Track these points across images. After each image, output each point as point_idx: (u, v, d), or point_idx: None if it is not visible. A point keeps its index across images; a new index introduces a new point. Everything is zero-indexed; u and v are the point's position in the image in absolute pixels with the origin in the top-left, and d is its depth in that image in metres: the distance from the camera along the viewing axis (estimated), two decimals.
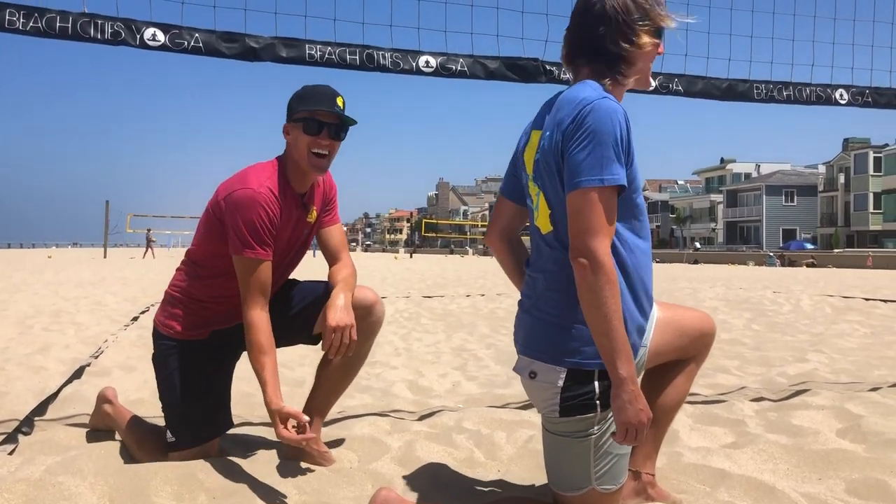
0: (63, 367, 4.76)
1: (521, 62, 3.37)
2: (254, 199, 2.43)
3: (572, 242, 1.82)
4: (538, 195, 2.01)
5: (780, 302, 11.02)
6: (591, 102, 1.85)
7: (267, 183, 2.48)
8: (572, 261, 1.82)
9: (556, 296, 1.96)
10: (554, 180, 1.92)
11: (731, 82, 3.71)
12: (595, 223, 1.80)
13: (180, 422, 2.57)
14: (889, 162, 59.19)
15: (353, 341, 2.44)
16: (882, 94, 3.92)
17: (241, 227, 2.42)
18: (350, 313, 2.45)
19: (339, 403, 3.67)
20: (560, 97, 2.00)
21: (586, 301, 1.80)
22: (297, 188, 2.58)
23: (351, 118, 2.53)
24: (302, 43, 3.03)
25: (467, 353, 5.68)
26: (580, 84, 1.98)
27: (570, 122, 1.86)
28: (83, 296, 11.06)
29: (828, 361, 5.28)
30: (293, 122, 2.51)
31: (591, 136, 1.82)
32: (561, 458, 2.01)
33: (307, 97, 2.51)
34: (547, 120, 1.99)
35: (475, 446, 2.87)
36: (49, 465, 2.45)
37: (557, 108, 1.95)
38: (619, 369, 1.79)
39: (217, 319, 2.64)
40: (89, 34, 2.75)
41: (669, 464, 2.64)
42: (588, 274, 1.78)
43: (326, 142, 2.50)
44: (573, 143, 1.84)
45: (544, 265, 2.00)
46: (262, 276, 2.46)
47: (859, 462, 2.64)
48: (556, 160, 1.90)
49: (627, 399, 1.79)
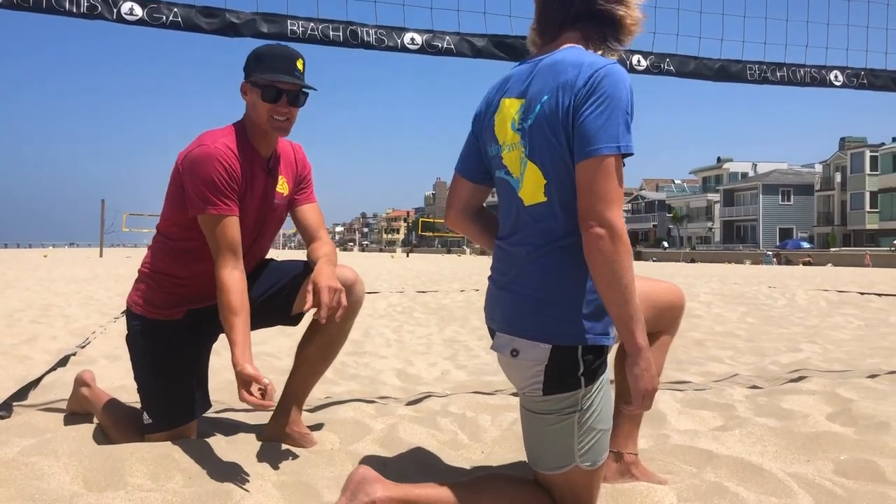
0: (48, 357, 4.71)
1: (509, 40, 3.31)
2: (209, 155, 2.37)
3: (586, 212, 1.75)
4: (523, 164, 1.90)
5: (776, 297, 10.99)
6: (604, 66, 1.79)
7: (223, 140, 2.43)
8: (586, 231, 1.74)
9: (541, 270, 1.88)
10: (553, 147, 1.83)
11: (724, 63, 3.66)
12: (612, 192, 1.74)
13: (155, 404, 2.52)
14: (885, 161, 59.24)
15: (343, 305, 2.35)
16: (878, 76, 3.87)
17: (200, 185, 2.37)
18: (337, 281, 2.38)
19: (325, 390, 3.64)
20: (549, 61, 1.91)
21: (603, 272, 1.74)
22: (261, 150, 2.53)
23: (310, 85, 2.49)
24: (284, 18, 2.98)
25: (458, 344, 5.64)
26: (571, 48, 1.91)
27: (583, 85, 1.78)
28: (75, 291, 11.00)
29: (821, 351, 5.25)
30: (251, 84, 2.46)
31: (607, 101, 1.75)
32: (543, 437, 1.95)
33: (266, 60, 2.46)
34: (536, 86, 1.89)
35: (459, 429, 2.83)
36: (23, 447, 2.41)
37: (554, 72, 1.86)
38: (637, 339, 1.76)
39: (190, 298, 2.57)
40: (64, 7, 2.69)
41: (656, 445, 2.61)
42: (606, 244, 1.72)
43: (285, 109, 2.45)
44: (587, 108, 1.76)
45: (526, 239, 1.91)
46: (230, 233, 2.39)
47: (849, 444, 2.61)
48: (563, 124, 1.81)
49: (645, 367, 1.77)
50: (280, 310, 2.65)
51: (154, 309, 2.56)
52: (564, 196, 1.84)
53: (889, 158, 58.89)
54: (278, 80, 2.42)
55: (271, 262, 2.77)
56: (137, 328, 2.59)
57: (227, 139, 2.44)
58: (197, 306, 2.59)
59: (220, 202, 2.38)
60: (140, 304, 2.59)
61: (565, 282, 1.85)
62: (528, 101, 1.89)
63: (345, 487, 1.87)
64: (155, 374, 2.53)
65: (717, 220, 76.84)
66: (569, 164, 1.82)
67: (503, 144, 1.96)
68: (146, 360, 2.56)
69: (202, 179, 2.37)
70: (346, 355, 4.96)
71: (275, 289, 2.66)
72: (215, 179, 2.36)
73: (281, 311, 2.65)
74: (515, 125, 1.92)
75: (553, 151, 1.84)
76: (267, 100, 2.43)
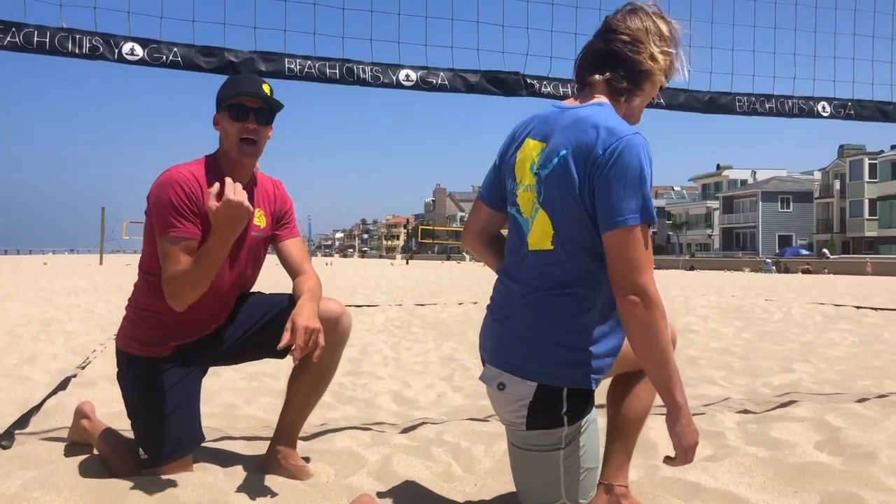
0: (49, 378, 4.76)
1: (502, 76, 3.38)
2: (169, 178, 2.42)
3: (619, 281, 1.82)
4: (535, 209, 1.96)
5: (772, 310, 11.04)
6: (623, 137, 1.84)
7: (187, 167, 2.47)
8: (620, 298, 1.82)
9: (534, 312, 1.94)
10: (567, 203, 1.89)
11: (713, 95, 3.73)
12: (642, 259, 1.81)
13: (149, 440, 2.54)
14: (884, 168, 59.35)
15: (320, 346, 2.36)
16: (864, 106, 3.95)
17: (161, 209, 2.40)
18: (317, 320, 2.39)
19: (321, 415, 3.69)
20: (574, 115, 1.96)
21: (640, 336, 1.82)
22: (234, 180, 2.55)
23: (278, 102, 2.52)
24: (281, 57, 3.04)
25: (455, 363, 5.69)
26: (597, 106, 1.97)
27: (602, 153, 1.83)
28: (75, 304, 11.05)
29: (814, 371, 5.30)
30: (220, 110, 2.51)
31: (626, 173, 1.81)
32: (529, 473, 2.01)
33: (232, 83, 2.52)
34: (557, 137, 1.94)
35: (453, 459, 2.87)
36: (25, 480, 2.45)
37: (576, 129, 1.91)
38: (677, 398, 1.84)
39: (176, 334, 2.58)
40: (67, 49, 2.76)
41: (646, 477, 2.66)
42: (641, 311, 1.80)
43: (253, 126, 2.49)
44: (609, 180, 1.82)
45: (527, 279, 1.98)
46: (190, 254, 2.39)
47: (835, 475, 2.66)
48: (579, 187, 1.86)
49: (686, 423, 1.85)
50: (267, 344, 2.65)
51: (141, 346, 2.59)
52: (571, 249, 1.91)
53: (888, 166, 59.00)
54: (244, 95, 2.47)
55: (258, 295, 2.80)
56: (127, 366, 2.62)
57: (192, 166, 2.49)
58: (184, 342, 2.61)
59: (178, 224, 2.40)
60: (127, 341, 2.61)
61: (556, 325, 1.91)
62: (548, 150, 1.95)
63: None
64: (147, 411, 2.56)
65: (716, 227, 76.92)
66: (580, 223, 1.89)
67: (520, 183, 2.02)
68: (138, 398, 2.59)
69: (162, 203, 2.40)
70: (344, 375, 5.01)
71: (262, 322, 2.68)
72: (173, 201, 2.39)
73: (268, 345, 2.65)
74: (534, 168, 1.98)
75: (566, 207, 1.90)
76: (235, 118, 2.47)
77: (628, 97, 2.03)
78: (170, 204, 2.39)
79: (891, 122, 3.95)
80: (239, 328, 2.66)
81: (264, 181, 2.71)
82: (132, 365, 2.61)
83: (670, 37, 2.04)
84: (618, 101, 2.02)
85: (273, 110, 2.54)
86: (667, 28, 2.03)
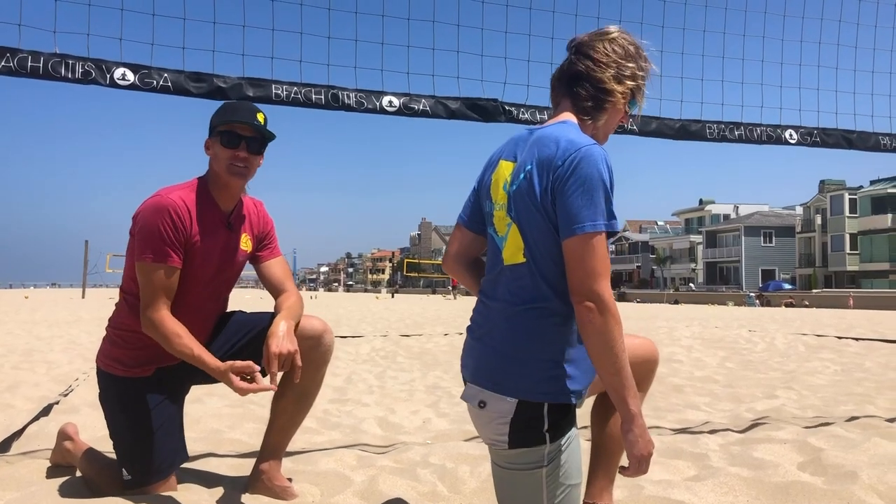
0: (31, 405, 4.71)
1: (482, 102, 3.48)
2: (160, 204, 2.44)
3: (576, 287, 1.85)
4: (508, 226, 2.01)
5: (755, 340, 11.10)
6: (581, 148, 1.89)
7: (179, 193, 2.49)
8: (577, 305, 1.85)
9: (510, 328, 1.96)
10: (532, 215, 1.93)
11: (684, 122, 3.84)
12: (598, 267, 1.83)
13: (132, 460, 2.53)
14: (864, 203, 60.20)
15: (297, 366, 2.41)
16: (829, 134, 4.07)
17: (145, 233, 2.42)
18: (292, 340, 2.42)
19: (306, 440, 3.68)
20: (540, 133, 2.03)
21: (594, 343, 1.83)
22: (221, 204, 2.59)
23: (270, 132, 2.56)
24: (268, 83, 3.11)
25: (441, 391, 5.69)
26: (561, 124, 2.03)
27: (561, 164, 1.88)
28: (58, 335, 10.94)
29: (797, 398, 5.34)
30: (214, 136, 2.54)
31: (585, 182, 1.85)
32: (513, 492, 2.01)
33: (227, 111, 2.55)
34: (524, 154, 2.00)
35: (439, 480, 2.88)
36: (7, 501, 2.44)
37: (539, 144, 1.97)
38: (629, 405, 1.84)
39: (158, 356, 2.58)
40: (60, 73, 2.80)
41: (631, 496, 2.67)
42: (596, 317, 1.82)
43: (244, 154, 2.53)
44: (568, 189, 1.86)
45: (504, 295, 2.01)
46: (169, 281, 2.44)
47: (817, 494, 2.68)
48: (541, 197, 1.91)
49: (639, 433, 1.85)
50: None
51: (122, 367, 2.59)
52: (540, 261, 1.94)
53: (867, 201, 59.86)
54: (237, 124, 2.51)
55: (239, 314, 2.82)
56: (108, 387, 2.62)
57: (184, 192, 2.51)
58: (164, 364, 2.61)
59: (161, 252, 2.42)
60: (108, 362, 2.62)
61: (534, 341, 1.93)
62: (517, 168, 2.01)
63: None
64: (130, 431, 2.55)
65: (699, 262, 77.40)
66: (545, 234, 1.93)
67: (495, 203, 2.08)
68: (120, 418, 2.58)
69: (148, 228, 2.42)
70: (329, 403, 5.00)
71: (244, 341, 2.69)
72: (160, 229, 2.42)
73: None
74: (506, 187, 2.03)
75: (531, 219, 1.94)
76: (226, 145, 2.50)
77: (594, 117, 2.08)
78: (157, 231, 2.41)
79: (854, 150, 4.08)
80: (221, 348, 2.67)
81: (248, 203, 2.74)
82: (114, 385, 2.60)
83: (637, 61, 2.10)
84: (584, 121, 2.07)
85: (265, 140, 2.58)
86: (634, 51, 2.10)
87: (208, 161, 2.59)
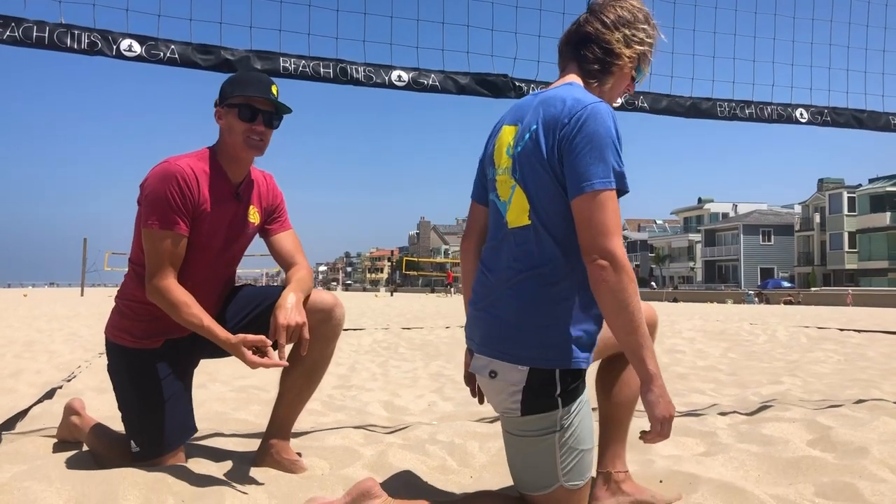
0: (34, 390, 4.70)
1: (491, 78, 3.45)
2: (167, 171, 2.41)
3: (587, 246, 1.81)
4: (513, 188, 1.98)
5: (757, 333, 11.10)
6: (587, 105, 1.87)
7: (187, 160, 2.47)
8: (589, 264, 1.81)
9: (517, 295, 1.94)
10: (539, 175, 1.91)
11: (695, 100, 3.82)
12: (610, 224, 1.80)
13: (140, 432, 2.52)
14: (862, 202, 60.27)
15: (305, 339, 2.38)
16: (840, 113, 4.06)
17: (153, 199, 2.40)
18: (301, 312, 2.39)
19: (312, 421, 3.67)
20: (544, 95, 2.01)
21: (609, 302, 1.80)
22: (231, 175, 2.57)
23: (286, 106, 2.55)
24: (276, 56, 3.09)
25: (444, 378, 5.67)
26: (566, 85, 2.02)
27: (567, 122, 1.86)
28: (58, 328, 10.92)
29: (802, 384, 5.33)
30: (227, 106, 2.51)
31: (593, 139, 1.83)
32: (526, 459, 1.99)
33: (242, 82, 2.53)
34: (529, 116, 1.99)
35: (448, 455, 2.86)
36: (15, 473, 2.42)
37: (545, 105, 1.95)
38: (648, 365, 1.81)
39: (167, 329, 2.55)
40: (66, 44, 2.78)
41: (641, 470, 2.65)
42: (610, 274, 1.78)
43: (261, 128, 2.51)
44: (575, 147, 1.84)
45: (507, 261, 1.98)
46: (175, 249, 2.42)
47: (829, 468, 2.67)
48: (548, 156, 1.89)
49: (659, 393, 1.81)
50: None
51: (132, 338, 2.57)
52: (546, 222, 1.92)
53: (866, 199, 59.92)
54: (255, 98, 2.49)
55: (248, 287, 2.80)
56: (117, 357, 2.60)
57: (192, 160, 2.49)
58: (174, 336, 2.59)
59: (167, 218, 2.40)
60: (118, 333, 2.60)
61: (541, 307, 1.91)
62: (520, 130, 1.99)
63: (348, 492, 1.92)
64: (138, 402, 2.53)
65: (698, 260, 77.46)
66: (552, 194, 1.90)
67: (498, 168, 2.05)
68: (129, 390, 2.56)
69: (156, 194, 2.40)
70: (333, 388, 4.98)
71: (252, 315, 2.66)
72: (168, 195, 2.39)
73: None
74: (509, 151, 2.01)
75: (538, 179, 1.92)
76: (244, 118, 2.48)
77: (601, 80, 2.07)
78: (164, 197, 2.39)
79: (865, 129, 4.06)
80: (230, 321, 2.64)
81: (256, 176, 2.72)
82: (123, 356, 2.58)
83: (646, 27, 2.09)
84: (590, 85, 2.07)
85: (280, 113, 2.57)
86: (643, 17, 2.09)
87: (219, 130, 2.56)
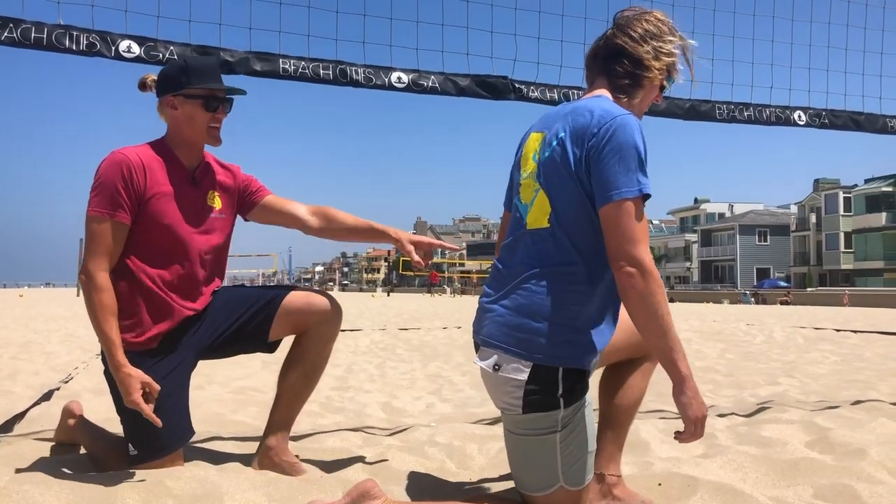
0: (31, 392, 4.68)
1: (491, 80, 3.45)
2: (113, 159, 2.44)
3: (615, 253, 1.86)
4: (536, 192, 2.03)
5: (754, 333, 11.12)
6: (616, 117, 1.91)
7: (136, 150, 2.49)
8: (617, 271, 1.85)
9: (528, 292, 1.96)
10: (564, 182, 1.95)
11: (694, 102, 3.84)
12: (637, 232, 1.85)
13: (138, 435, 2.49)
14: (858, 202, 60.33)
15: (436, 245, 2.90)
16: (838, 115, 4.08)
17: (95, 185, 2.42)
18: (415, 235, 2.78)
19: (310, 423, 3.66)
20: (573, 105, 2.06)
21: (638, 307, 1.84)
22: (185, 161, 2.59)
23: (241, 89, 2.60)
24: (276, 57, 3.09)
25: (442, 379, 5.67)
26: (596, 97, 2.06)
27: (596, 132, 1.90)
28: (55, 329, 10.90)
29: (799, 385, 5.34)
30: (185, 97, 2.53)
31: (621, 149, 1.87)
32: (527, 458, 2.00)
33: (198, 71, 2.54)
34: (557, 125, 2.03)
35: (447, 457, 2.86)
36: (13, 476, 2.41)
37: (574, 114, 1.99)
38: (680, 368, 1.84)
39: (152, 316, 2.52)
40: (64, 45, 2.78)
41: (640, 472, 2.66)
42: (638, 281, 1.82)
43: (222, 116, 2.58)
44: (604, 157, 1.88)
45: (522, 259, 2.02)
46: (112, 238, 2.42)
47: (827, 470, 2.67)
48: (575, 166, 1.93)
49: (692, 395, 1.84)
50: (256, 336, 2.64)
51: (127, 339, 2.50)
52: (566, 226, 1.95)
53: (862, 200, 59.99)
54: (218, 89, 2.54)
55: (241, 287, 2.80)
56: None
57: (142, 149, 2.51)
58: (164, 328, 2.54)
59: (108, 205, 2.41)
60: None
61: (552, 304, 1.93)
62: (548, 136, 2.04)
63: (347, 493, 1.92)
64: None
65: (695, 260, 77.54)
66: (576, 201, 1.94)
67: (523, 172, 2.11)
68: None
69: (100, 181, 2.42)
70: (331, 390, 4.98)
71: (249, 314, 2.64)
72: (112, 182, 2.41)
73: (257, 337, 2.64)
74: (536, 156, 2.06)
75: (563, 185, 1.96)
76: (209, 109, 2.53)
77: (630, 94, 2.10)
78: (109, 184, 2.41)
79: (863, 132, 4.08)
80: (226, 319, 2.63)
81: (209, 157, 2.71)
82: None
83: (673, 38, 2.13)
84: (619, 99, 2.10)
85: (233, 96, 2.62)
86: (668, 29, 2.13)
87: (170, 118, 2.57)
